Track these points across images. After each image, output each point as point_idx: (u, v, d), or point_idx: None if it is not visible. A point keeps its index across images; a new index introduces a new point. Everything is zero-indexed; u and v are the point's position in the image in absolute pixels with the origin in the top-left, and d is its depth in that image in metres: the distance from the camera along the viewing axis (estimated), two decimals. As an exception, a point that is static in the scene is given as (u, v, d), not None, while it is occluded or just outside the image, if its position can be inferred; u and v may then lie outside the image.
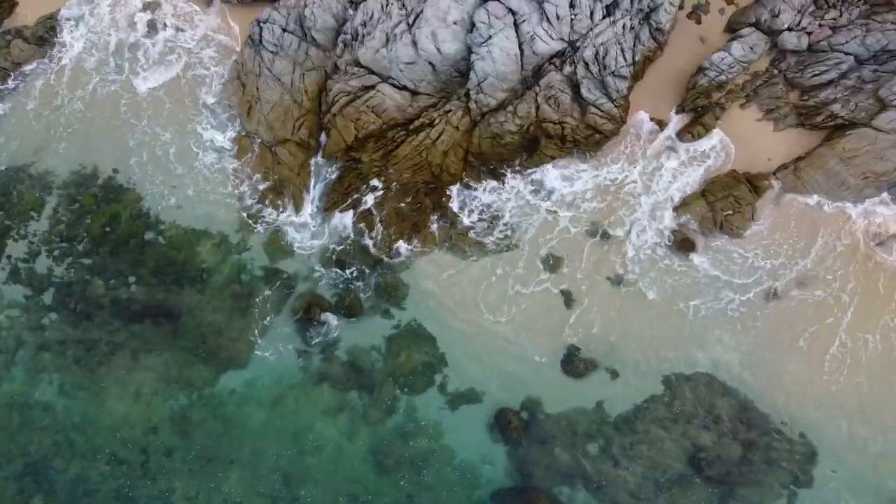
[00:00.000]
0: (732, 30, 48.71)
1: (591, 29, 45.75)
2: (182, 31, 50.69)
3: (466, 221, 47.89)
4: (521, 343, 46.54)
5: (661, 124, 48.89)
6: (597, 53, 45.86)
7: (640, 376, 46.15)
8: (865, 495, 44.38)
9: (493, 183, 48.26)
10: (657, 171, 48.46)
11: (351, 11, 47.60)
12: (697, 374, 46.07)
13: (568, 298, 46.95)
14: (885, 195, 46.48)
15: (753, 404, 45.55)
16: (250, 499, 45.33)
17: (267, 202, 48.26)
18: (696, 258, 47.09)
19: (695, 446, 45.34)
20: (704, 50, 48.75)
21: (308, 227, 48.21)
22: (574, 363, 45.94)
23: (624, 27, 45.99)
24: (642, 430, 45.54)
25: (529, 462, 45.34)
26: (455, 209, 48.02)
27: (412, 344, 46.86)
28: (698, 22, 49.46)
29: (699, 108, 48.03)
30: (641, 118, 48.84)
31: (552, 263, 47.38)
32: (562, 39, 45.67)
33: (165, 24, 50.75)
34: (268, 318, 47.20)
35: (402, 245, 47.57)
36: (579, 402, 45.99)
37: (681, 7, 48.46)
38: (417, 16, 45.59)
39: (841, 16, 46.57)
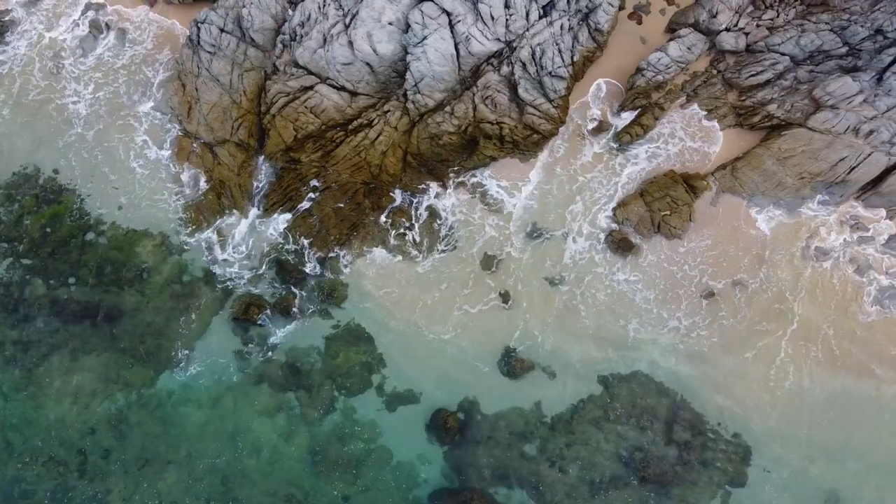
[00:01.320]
0: (673, 30, 48.72)
1: (528, 29, 45.73)
2: (124, 31, 50.55)
3: (405, 224, 47.89)
4: (458, 344, 46.49)
5: (603, 125, 48.93)
6: (533, 54, 45.83)
7: (577, 377, 46.11)
8: (800, 495, 44.33)
9: (434, 185, 48.20)
10: (608, 170, 48.59)
11: (290, 12, 47.54)
12: (634, 374, 46.05)
13: (506, 300, 46.89)
14: (820, 197, 46.50)
15: (689, 405, 45.54)
16: (187, 500, 45.25)
17: (207, 203, 48.15)
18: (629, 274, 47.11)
19: (631, 447, 45.30)
20: (646, 50, 48.79)
21: (247, 228, 48.11)
22: (511, 364, 45.89)
23: (562, 27, 45.98)
24: (579, 430, 45.47)
25: (466, 462, 45.28)
26: (395, 211, 48.01)
27: (350, 345, 46.79)
28: (639, 22, 49.48)
29: (639, 107, 48.09)
30: (589, 117, 49.02)
31: (491, 266, 47.30)
32: (498, 40, 45.65)
33: (108, 25, 50.67)
34: (207, 319, 47.13)
35: (340, 246, 47.51)
36: (516, 402, 45.95)
37: (621, 7, 48.55)
38: (353, 16, 45.53)
39: (778, 16, 46.64)
